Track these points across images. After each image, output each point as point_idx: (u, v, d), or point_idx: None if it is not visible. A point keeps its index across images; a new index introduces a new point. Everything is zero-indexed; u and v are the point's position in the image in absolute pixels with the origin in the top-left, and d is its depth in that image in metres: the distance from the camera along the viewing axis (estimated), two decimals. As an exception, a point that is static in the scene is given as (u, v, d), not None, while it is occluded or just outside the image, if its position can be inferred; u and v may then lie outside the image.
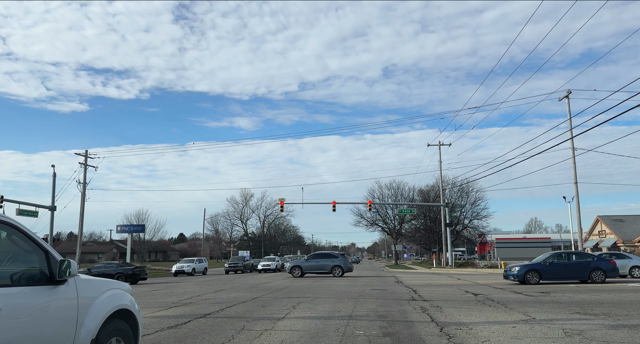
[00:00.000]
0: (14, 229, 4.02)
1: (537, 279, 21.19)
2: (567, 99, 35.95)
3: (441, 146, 49.01)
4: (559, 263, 21.95)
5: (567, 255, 22.87)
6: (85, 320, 4.36)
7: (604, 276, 21.13)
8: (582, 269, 21.46)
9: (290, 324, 9.28)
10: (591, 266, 21.40)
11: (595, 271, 21.27)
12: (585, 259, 22.13)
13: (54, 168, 46.39)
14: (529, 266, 21.78)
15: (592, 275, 21.23)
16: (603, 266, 21.43)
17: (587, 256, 22.94)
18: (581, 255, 23.17)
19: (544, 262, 21.96)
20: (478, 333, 8.00)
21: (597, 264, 21.55)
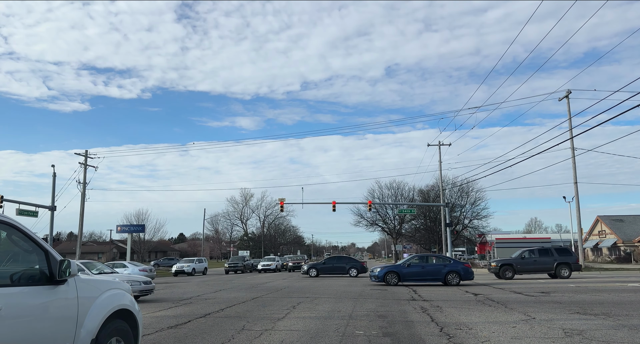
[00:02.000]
0: (14, 229, 4.02)
1: (395, 280, 22.08)
2: (567, 99, 35.97)
3: (441, 146, 49.02)
4: (418, 265, 22.86)
5: (427, 258, 23.80)
6: (85, 320, 4.36)
7: (458, 278, 21.78)
8: (438, 271, 22.23)
9: (290, 324, 9.28)
10: (447, 269, 22.11)
11: (450, 273, 21.95)
12: (442, 262, 22.97)
13: (54, 168, 46.42)
14: (388, 268, 23.01)
15: (447, 278, 21.87)
16: (458, 269, 22.14)
17: (445, 259, 23.65)
18: (440, 258, 23.96)
19: (404, 264, 23.13)
20: (478, 333, 8.00)
21: (453, 267, 22.28)
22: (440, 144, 48.93)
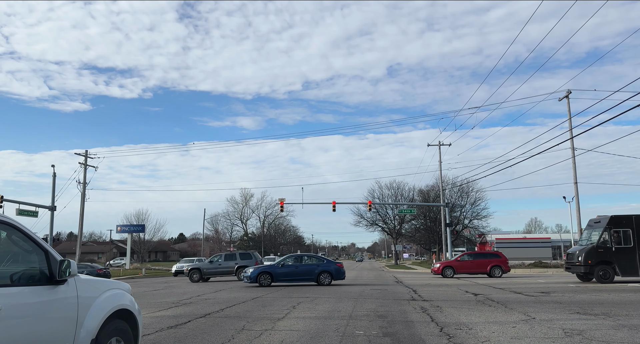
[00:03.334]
0: (14, 229, 4.02)
1: (269, 281, 21.99)
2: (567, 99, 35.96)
3: (441, 146, 49.01)
4: (292, 265, 22.84)
5: (301, 258, 23.79)
6: (85, 320, 4.36)
7: (330, 278, 22.13)
8: (311, 271, 22.46)
9: (290, 324, 9.28)
10: (320, 269, 22.35)
11: (323, 273, 22.24)
12: (316, 262, 23.11)
13: (54, 168, 46.47)
14: (262, 269, 22.68)
15: (319, 278, 22.18)
16: (331, 269, 22.38)
17: (318, 259, 23.69)
18: (314, 258, 24.07)
19: (278, 264, 22.98)
20: (478, 333, 8.00)
21: (325, 267, 22.51)
22: (440, 144, 48.94)
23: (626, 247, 20.43)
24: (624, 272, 20.30)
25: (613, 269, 20.43)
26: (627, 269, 20.29)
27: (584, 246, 21.69)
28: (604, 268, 20.44)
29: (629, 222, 20.75)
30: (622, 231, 20.76)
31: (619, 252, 20.45)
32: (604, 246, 20.65)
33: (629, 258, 20.29)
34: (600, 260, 20.55)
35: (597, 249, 20.67)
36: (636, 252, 20.31)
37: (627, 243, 20.49)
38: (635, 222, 20.73)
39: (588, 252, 20.81)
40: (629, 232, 20.62)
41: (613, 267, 20.45)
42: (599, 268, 20.44)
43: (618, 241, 20.67)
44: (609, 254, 20.52)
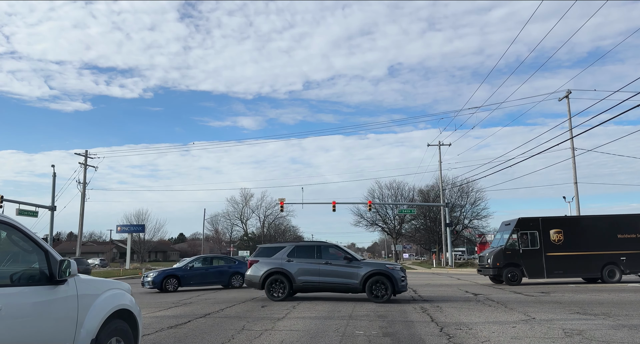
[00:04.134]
0: (13, 229, 4.02)
1: (175, 286, 20.30)
2: (567, 99, 35.96)
3: (441, 146, 49.04)
4: (201, 267, 21.37)
5: (211, 259, 22.21)
6: (85, 320, 4.36)
7: (242, 280, 20.64)
8: (222, 274, 21.37)
9: (290, 324, 9.28)
10: (231, 270, 21.21)
11: (234, 275, 21.29)
12: (227, 264, 21.86)
13: (54, 168, 46.55)
14: (167, 272, 20.83)
15: (231, 280, 21.24)
16: (243, 270, 20.39)
17: (229, 261, 22.52)
18: (225, 260, 22.77)
19: (185, 266, 21.23)
20: (478, 333, 8.00)
21: (237, 268, 21.32)
22: (440, 144, 48.96)
23: (533, 249, 20.57)
24: (531, 274, 20.40)
25: (521, 271, 20.44)
26: (533, 271, 20.38)
27: (494, 249, 21.77)
28: (512, 270, 20.47)
29: (536, 225, 20.92)
30: (529, 233, 20.89)
31: (526, 254, 20.53)
32: (512, 248, 20.73)
33: (536, 259, 20.40)
34: (508, 262, 20.58)
35: (505, 252, 20.69)
36: (542, 254, 20.46)
37: (533, 245, 20.65)
38: (542, 225, 20.90)
39: (496, 255, 20.80)
40: (536, 234, 20.78)
41: (521, 269, 20.45)
42: (507, 270, 20.44)
43: (525, 243, 20.78)
44: (516, 256, 20.57)
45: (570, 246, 20.62)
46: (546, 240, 20.68)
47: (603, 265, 20.48)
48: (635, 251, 20.55)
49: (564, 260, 20.45)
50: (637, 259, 20.54)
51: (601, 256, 20.52)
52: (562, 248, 20.56)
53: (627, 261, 20.50)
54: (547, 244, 20.64)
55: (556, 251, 20.55)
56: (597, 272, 20.51)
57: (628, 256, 20.51)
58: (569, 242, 20.70)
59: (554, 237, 20.76)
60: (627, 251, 20.53)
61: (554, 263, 20.37)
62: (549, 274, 20.36)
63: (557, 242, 20.71)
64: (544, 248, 20.54)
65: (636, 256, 20.54)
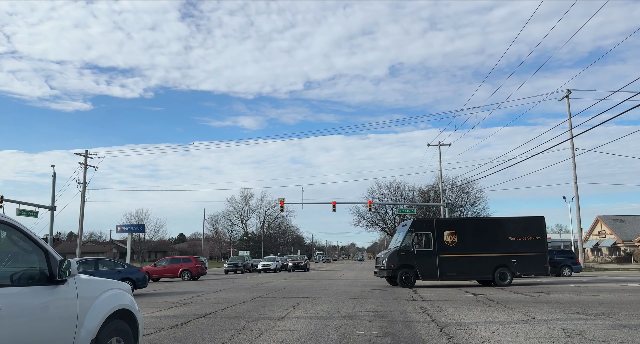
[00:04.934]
0: (13, 229, 4.02)
1: None
2: (567, 99, 35.97)
3: (441, 146, 49.03)
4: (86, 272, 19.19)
5: (97, 263, 20.23)
6: (85, 320, 4.36)
7: (133, 285, 18.74)
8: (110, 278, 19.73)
9: (290, 324, 9.28)
10: (120, 276, 18.76)
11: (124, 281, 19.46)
12: (115, 268, 19.78)
13: (54, 168, 46.59)
14: None
15: None
16: (133, 276, 19.43)
17: (118, 265, 20.47)
18: (113, 263, 20.78)
19: None
20: (478, 333, 8.01)
21: (127, 273, 19.46)
22: (440, 144, 48.96)
23: (427, 251, 20.23)
24: (425, 276, 20.06)
25: (415, 273, 20.11)
26: (427, 273, 20.03)
27: (389, 250, 21.44)
28: (407, 272, 20.08)
29: (430, 226, 20.59)
30: (424, 234, 20.58)
31: (420, 256, 20.16)
32: (406, 250, 20.31)
33: (430, 261, 20.04)
34: (402, 264, 20.22)
35: (400, 253, 20.30)
36: (436, 256, 20.09)
37: (428, 247, 20.33)
38: (437, 226, 20.58)
39: (391, 256, 20.48)
40: (430, 236, 20.40)
41: (415, 271, 20.10)
42: (401, 272, 20.05)
43: (420, 244, 20.49)
44: (411, 257, 20.20)
45: (463, 247, 20.30)
46: (440, 242, 20.31)
47: (495, 267, 20.21)
48: (525, 253, 20.45)
49: (456, 262, 20.12)
50: (526, 261, 20.49)
51: (493, 259, 20.28)
52: (456, 250, 20.22)
53: (518, 263, 20.37)
54: (441, 246, 20.26)
55: (449, 252, 20.19)
56: (489, 274, 20.21)
57: (519, 259, 20.38)
58: (462, 244, 20.39)
59: (447, 239, 20.39)
60: (517, 253, 20.37)
61: (447, 265, 20.05)
62: (442, 276, 20.02)
63: (450, 244, 20.35)
64: (437, 250, 20.18)
65: (526, 259, 20.47)
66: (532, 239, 20.81)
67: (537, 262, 20.61)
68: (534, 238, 20.86)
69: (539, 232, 21.14)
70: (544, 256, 20.83)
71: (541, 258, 20.73)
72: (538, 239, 20.95)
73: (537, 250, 20.71)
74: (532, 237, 20.85)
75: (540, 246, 20.87)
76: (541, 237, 21.14)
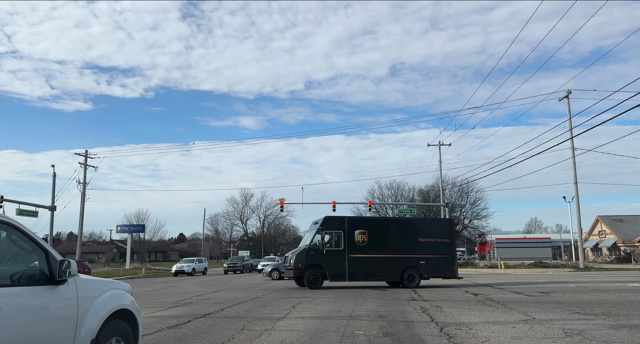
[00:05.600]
0: (13, 229, 4.02)
1: None
2: (567, 99, 35.97)
3: (441, 145, 49.03)
4: None
5: None
6: (85, 320, 4.35)
7: None
8: None
9: (290, 324, 9.28)
10: None
11: None
12: None
13: (54, 168, 46.60)
14: None
15: None
16: None
17: None
18: None
19: None
20: (478, 333, 8.00)
21: None
22: (440, 144, 48.96)
23: (337, 250, 19.54)
24: (333, 276, 19.42)
25: (323, 274, 19.38)
26: (335, 274, 19.36)
27: (297, 249, 20.74)
28: (314, 272, 19.32)
29: (342, 224, 19.82)
30: (335, 233, 19.82)
31: (329, 256, 19.43)
32: (315, 249, 19.50)
33: (339, 261, 19.34)
34: (310, 264, 19.40)
35: (309, 252, 19.49)
36: (345, 256, 19.42)
37: (338, 246, 19.64)
38: (348, 225, 19.85)
39: (299, 255, 19.66)
40: (341, 235, 19.67)
41: (323, 271, 19.37)
42: (309, 272, 19.26)
43: (330, 243, 19.71)
44: (320, 257, 19.42)
45: (373, 248, 19.68)
46: (351, 241, 19.60)
47: (404, 269, 19.72)
48: (433, 255, 20.08)
49: (366, 263, 19.52)
50: (435, 263, 20.09)
51: (402, 260, 19.81)
52: (366, 250, 19.60)
53: (426, 265, 19.96)
54: (351, 246, 19.58)
55: (359, 253, 19.56)
56: (398, 276, 19.76)
57: (427, 260, 19.98)
58: (372, 244, 19.75)
59: (358, 239, 19.72)
60: (426, 255, 20.00)
61: (356, 266, 19.40)
62: (350, 277, 19.37)
63: (361, 243, 19.68)
64: (347, 250, 19.51)
65: (434, 260, 20.08)
66: (442, 241, 20.51)
67: (445, 264, 20.29)
68: (443, 240, 20.54)
69: (448, 234, 20.82)
70: (452, 259, 20.55)
71: (450, 260, 20.42)
72: (447, 241, 20.64)
73: (446, 252, 20.43)
74: (442, 239, 20.54)
75: (449, 248, 20.55)
76: (450, 240, 20.85)
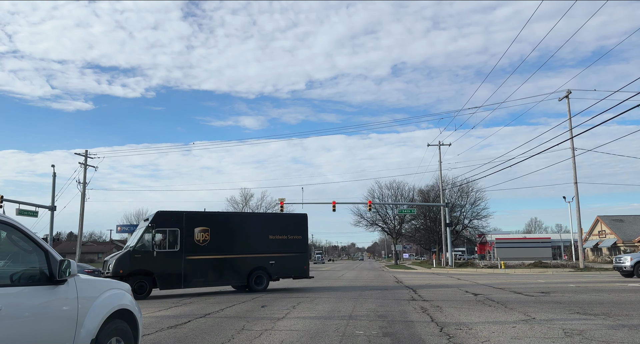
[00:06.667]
0: (13, 229, 4.03)
1: None
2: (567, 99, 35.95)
3: (441, 145, 49.05)
4: None
5: None
6: (85, 320, 4.36)
7: None
8: None
9: (290, 324, 9.28)
10: None
11: None
12: None
13: (54, 168, 46.57)
14: None
15: None
16: None
17: None
18: None
19: None
20: (478, 333, 8.01)
21: None
22: (440, 144, 48.97)
23: (171, 252, 16.65)
24: (164, 283, 16.44)
25: (152, 281, 16.31)
26: (168, 280, 16.46)
27: (119, 252, 17.28)
28: (141, 280, 16.04)
29: (179, 221, 16.86)
30: (170, 231, 16.85)
31: (161, 259, 16.46)
32: (142, 251, 16.34)
33: (173, 265, 16.55)
34: (136, 269, 16.09)
35: (134, 255, 16.23)
36: (182, 258, 16.74)
37: (173, 247, 16.73)
38: (186, 221, 17.03)
39: (120, 260, 16.14)
40: (177, 233, 16.80)
41: (153, 278, 16.30)
42: (133, 280, 15.61)
43: (163, 244, 16.78)
44: (148, 261, 16.27)
45: (216, 248, 17.33)
46: (189, 241, 16.87)
47: (251, 270, 17.81)
48: (284, 253, 18.58)
49: (207, 265, 17.13)
50: (286, 262, 18.59)
51: (250, 260, 17.89)
52: (207, 251, 17.08)
53: (277, 265, 18.36)
54: (189, 246, 16.91)
55: (199, 254, 17.02)
56: (244, 279, 17.81)
57: (277, 260, 18.38)
58: (216, 243, 17.38)
59: (198, 237, 17.06)
60: (277, 254, 18.44)
61: (194, 269, 16.86)
62: (187, 283, 16.73)
63: (202, 243, 17.10)
64: (185, 251, 16.81)
65: (285, 260, 18.58)
66: (294, 238, 19.06)
67: (297, 263, 19.01)
68: (295, 237, 19.11)
69: (301, 231, 19.35)
70: (304, 257, 19.44)
71: (302, 258, 19.25)
72: (300, 238, 19.23)
73: (298, 250, 19.11)
74: (294, 236, 19.08)
75: (302, 246, 19.28)
76: (303, 237, 19.41)
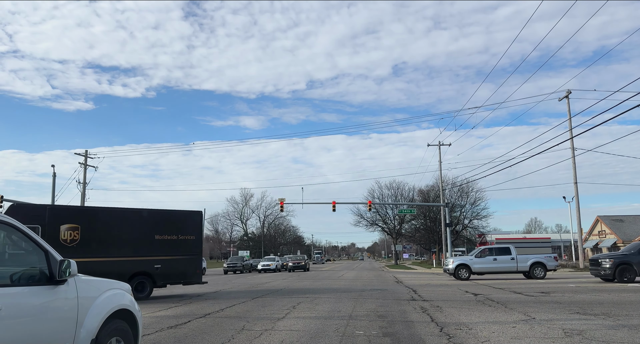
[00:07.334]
0: (13, 229, 4.03)
1: None
2: (567, 99, 35.94)
3: (441, 145, 49.04)
4: None
5: None
6: (85, 320, 4.36)
7: None
8: None
9: (290, 324, 9.28)
10: None
11: None
12: None
13: (54, 168, 46.49)
14: None
15: None
16: None
17: None
18: None
19: None
20: (478, 333, 8.00)
21: None
22: (440, 144, 48.96)
23: None
24: None
25: None
26: None
27: None
28: None
29: (40, 216, 14.13)
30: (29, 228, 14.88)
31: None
32: None
33: None
34: None
35: None
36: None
37: None
38: (50, 217, 14.35)
39: None
40: (38, 231, 13.55)
41: None
42: None
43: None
44: None
45: (88, 249, 14.45)
46: (54, 240, 13.67)
47: (131, 276, 15.14)
48: (173, 256, 16.22)
49: None
50: (175, 266, 16.27)
51: (130, 264, 15.24)
52: (76, 253, 13.58)
53: (163, 269, 15.92)
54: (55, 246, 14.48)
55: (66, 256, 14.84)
56: None
57: (164, 264, 15.95)
58: (87, 243, 14.59)
59: (65, 236, 14.35)
60: (164, 256, 16.01)
61: None
62: None
63: (69, 243, 14.33)
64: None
65: (175, 263, 16.25)
66: (186, 238, 16.80)
67: (188, 267, 16.78)
68: (188, 237, 16.88)
69: (194, 231, 17.27)
70: (197, 260, 17.19)
71: (194, 262, 16.99)
72: (192, 238, 17.05)
73: (190, 252, 16.85)
74: (186, 236, 16.83)
75: (195, 247, 17.12)
76: (196, 237, 17.32)
